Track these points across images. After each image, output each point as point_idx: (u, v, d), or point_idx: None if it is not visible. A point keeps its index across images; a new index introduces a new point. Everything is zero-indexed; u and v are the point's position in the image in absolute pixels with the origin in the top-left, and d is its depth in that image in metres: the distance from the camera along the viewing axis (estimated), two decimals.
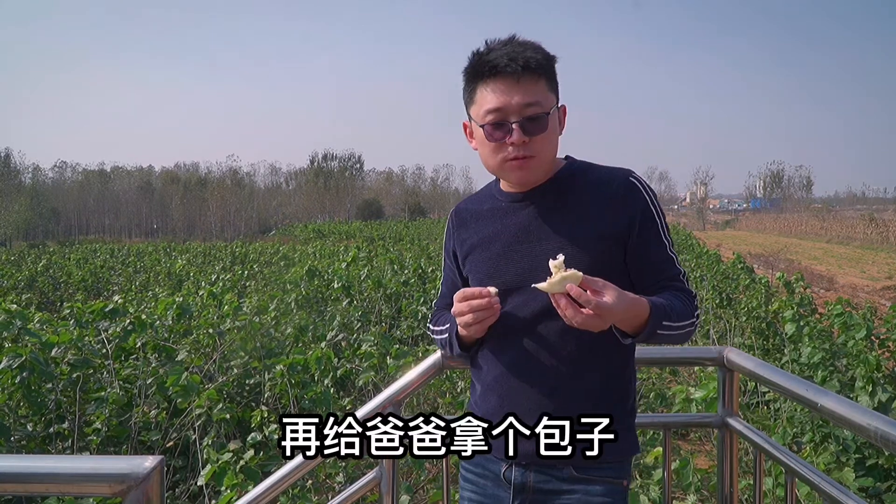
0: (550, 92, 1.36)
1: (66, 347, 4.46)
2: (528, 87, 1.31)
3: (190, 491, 3.88)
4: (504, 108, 1.31)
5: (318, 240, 34.65)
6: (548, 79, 1.35)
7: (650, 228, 1.39)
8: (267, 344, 5.54)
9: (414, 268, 11.51)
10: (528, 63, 1.30)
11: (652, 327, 1.30)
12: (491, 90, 1.32)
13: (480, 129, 1.36)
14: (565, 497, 1.39)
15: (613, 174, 1.42)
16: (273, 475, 1.75)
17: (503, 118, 1.32)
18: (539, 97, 1.32)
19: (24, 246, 38.32)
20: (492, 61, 1.31)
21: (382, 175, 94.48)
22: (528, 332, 1.40)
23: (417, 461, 3.35)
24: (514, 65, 1.29)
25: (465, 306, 1.34)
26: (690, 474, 3.03)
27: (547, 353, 1.38)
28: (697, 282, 11.18)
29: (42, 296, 13.60)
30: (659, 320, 1.30)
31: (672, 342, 1.37)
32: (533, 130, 1.32)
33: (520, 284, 1.39)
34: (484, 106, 1.34)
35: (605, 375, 1.40)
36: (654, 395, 4.83)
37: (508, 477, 1.42)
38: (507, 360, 1.42)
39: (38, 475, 1.03)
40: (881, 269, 22.01)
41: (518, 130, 1.31)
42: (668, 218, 1.53)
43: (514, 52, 1.30)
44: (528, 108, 1.31)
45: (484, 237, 1.47)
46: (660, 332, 1.31)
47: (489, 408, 1.44)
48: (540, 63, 1.31)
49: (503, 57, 1.30)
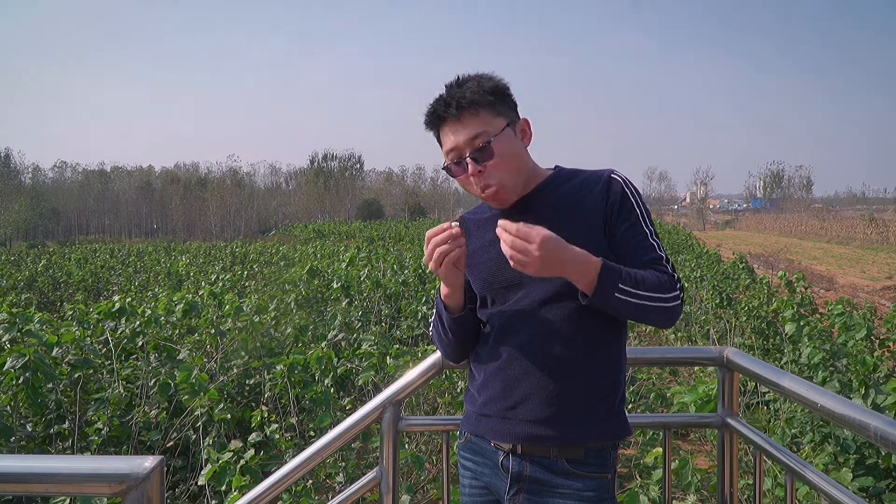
0: (496, 117, 1.46)
1: (68, 347, 4.47)
2: (468, 123, 1.44)
3: (190, 491, 3.89)
4: (456, 147, 1.46)
5: (318, 240, 34.67)
6: (489, 106, 1.45)
7: (629, 216, 1.45)
8: (267, 344, 5.54)
9: (414, 268, 11.51)
10: (460, 104, 1.44)
11: (605, 286, 1.33)
12: (444, 135, 1.49)
13: (448, 171, 1.51)
14: (558, 490, 1.45)
15: (597, 174, 1.51)
16: (273, 475, 1.75)
17: (458, 156, 1.47)
18: (481, 128, 1.44)
19: (23, 246, 38.33)
20: (434, 112, 1.49)
21: (382, 175, 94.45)
22: (529, 322, 1.47)
23: (417, 461, 3.35)
24: (450, 109, 1.45)
25: (430, 245, 1.42)
26: (690, 474, 3.03)
27: (547, 340, 1.45)
28: (697, 282, 11.18)
29: (42, 296, 13.60)
30: (613, 281, 1.33)
31: (643, 315, 1.39)
32: (483, 159, 1.44)
33: (518, 281, 1.48)
34: (445, 148, 1.50)
35: (602, 362, 1.47)
36: (654, 396, 4.83)
37: (506, 465, 1.48)
38: (509, 349, 1.49)
39: (38, 475, 1.03)
40: (881, 269, 22.01)
41: (471, 163, 1.44)
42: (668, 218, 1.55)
43: (451, 96, 1.45)
44: (474, 141, 1.44)
45: (483, 243, 1.56)
46: (619, 295, 1.34)
47: (492, 394, 1.51)
48: (473, 100, 1.44)
49: (440, 105, 1.47)
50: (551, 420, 1.43)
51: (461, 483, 1.62)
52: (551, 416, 1.43)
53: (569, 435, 1.43)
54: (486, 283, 1.54)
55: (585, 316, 1.43)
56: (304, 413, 4.45)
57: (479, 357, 1.58)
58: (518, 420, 1.46)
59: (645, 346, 5.19)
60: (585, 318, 1.43)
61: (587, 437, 1.44)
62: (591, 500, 1.43)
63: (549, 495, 1.45)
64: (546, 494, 1.45)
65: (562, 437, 1.43)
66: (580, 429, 1.44)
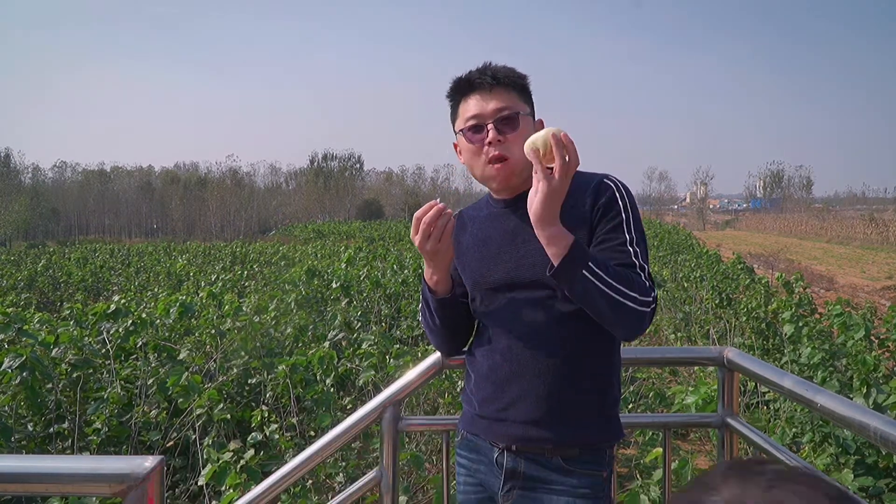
0: (523, 102, 1.51)
1: (67, 347, 4.47)
2: (500, 96, 1.48)
3: (190, 491, 3.88)
4: (480, 113, 1.48)
5: (317, 240, 34.66)
6: (519, 91, 1.51)
7: (612, 220, 1.43)
8: (267, 344, 5.54)
9: (414, 268, 11.51)
10: (496, 75, 1.48)
11: (574, 259, 1.31)
12: (469, 103, 1.51)
13: (462, 136, 1.52)
14: (552, 486, 1.46)
15: (592, 177, 1.50)
16: (273, 475, 1.75)
17: (480, 122, 1.48)
18: (511, 103, 1.48)
19: (23, 246, 38.31)
20: (468, 78, 1.51)
21: (382, 175, 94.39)
22: (518, 325, 1.48)
23: (417, 461, 3.35)
24: (486, 77, 1.48)
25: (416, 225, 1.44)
26: (690, 474, 3.03)
27: (538, 342, 1.46)
28: (697, 282, 11.17)
29: (42, 296, 13.60)
30: (582, 257, 1.31)
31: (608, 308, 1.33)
32: (506, 129, 1.47)
33: (509, 282, 1.49)
34: (464, 116, 1.51)
35: (594, 363, 1.47)
36: (653, 396, 4.83)
37: (501, 462, 1.50)
38: (501, 350, 1.50)
39: (38, 475, 1.03)
40: (881, 269, 22.01)
41: (493, 129, 1.46)
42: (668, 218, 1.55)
43: (486, 69, 1.50)
44: (501, 112, 1.47)
45: (477, 240, 1.58)
46: (586, 273, 1.30)
47: (485, 395, 1.52)
48: (509, 76, 1.50)
49: (476, 73, 1.50)
50: (544, 421, 1.44)
51: (457, 480, 1.64)
52: (543, 417, 1.44)
53: (562, 435, 1.44)
54: (475, 282, 1.55)
55: (574, 319, 1.42)
56: (304, 413, 4.45)
57: (473, 358, 1.59)
58: (511, 421, 1.47)
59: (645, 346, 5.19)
60: (574, 322, 1.42)
61: (579, 439, 1.45)
62: (585, 497, 1.43)
63: (544, 491, 1.46)
64: (540, 490, 1.46)
65: (555, 437, 1.44)
66: (572, 430, 1.44)
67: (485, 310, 1.54)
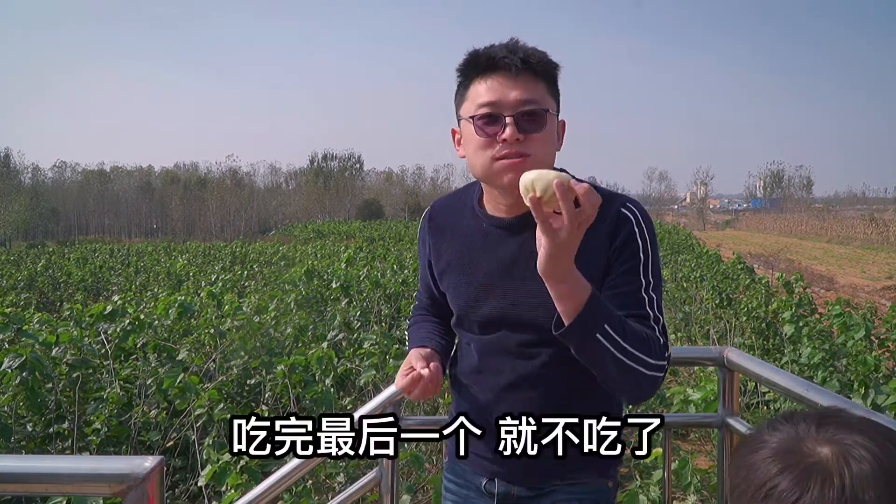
0: (550, 97, 1.25)
1: (66, 347, 4.47)
2: (526, 85, 1.20)
3: (190, 491, 3.88)
4: (499, 102, 1.20)
5: (317, 240, 34.66)
6: (548, 83, 1.25)
7: (629, 259, 1.24)
8: (267, 344, 5.54)
9: (414, 267, 11.51)
10: (527, 58, 1.20)
11: (590, 318, 1.09)
12: (486, 85, 1.22)
13: (470, 124, 1.23)
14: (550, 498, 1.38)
15: (609, 199, 1.24)
16: (273, 475, 1.75)
17: (497, 112, 1.20)
18: (537, 96, 1.21)
19: (23, 246, 38.30)
20: (489, 54, 1.22)
21: (382, 175, 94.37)
22: (506, 363, 1.34)
23: (417, 461, 3.34)
24: (513, 57, 1.20)
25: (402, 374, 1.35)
26: (690, 474, 3.03)
27: (526, 387, 1.32)
28: (697, 282, 11.17)
29: (42, 296, 13.59)
30: (598, 322, 1.10)
31: (616, 373, 1.14)
32: (529, 128, 1.20)
33: (502, 318, 1.32)
34: (476, 100, 1.22)
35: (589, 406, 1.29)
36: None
37: (491, 489, 1.40)
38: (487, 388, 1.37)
39: (38, 475, 1.03)
40: (881, 269, 22.01)
41: (512, 126, 1.19)
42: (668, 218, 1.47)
43: (516, 47, 1.22)
44: (524, 105, 1.20)
45: (464, 260, 1.36)
46: (599, 337, 1.10)
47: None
48: (541, 62, 1.22)
49: (502, 50, 1.21)
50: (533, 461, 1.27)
51: None
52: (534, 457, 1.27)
53: (551, 473, 1.34)
54: (462, 313, 1.38)
55: (568, 362, 1.20)
56: (304, 413, 4.45)
57: (458, 382, 1.46)
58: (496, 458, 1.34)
59: None
60: (568, 365, 1.22)
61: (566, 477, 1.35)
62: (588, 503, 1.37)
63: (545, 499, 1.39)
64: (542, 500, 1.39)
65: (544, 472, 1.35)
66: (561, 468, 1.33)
67: (472, 337, 1.39)
